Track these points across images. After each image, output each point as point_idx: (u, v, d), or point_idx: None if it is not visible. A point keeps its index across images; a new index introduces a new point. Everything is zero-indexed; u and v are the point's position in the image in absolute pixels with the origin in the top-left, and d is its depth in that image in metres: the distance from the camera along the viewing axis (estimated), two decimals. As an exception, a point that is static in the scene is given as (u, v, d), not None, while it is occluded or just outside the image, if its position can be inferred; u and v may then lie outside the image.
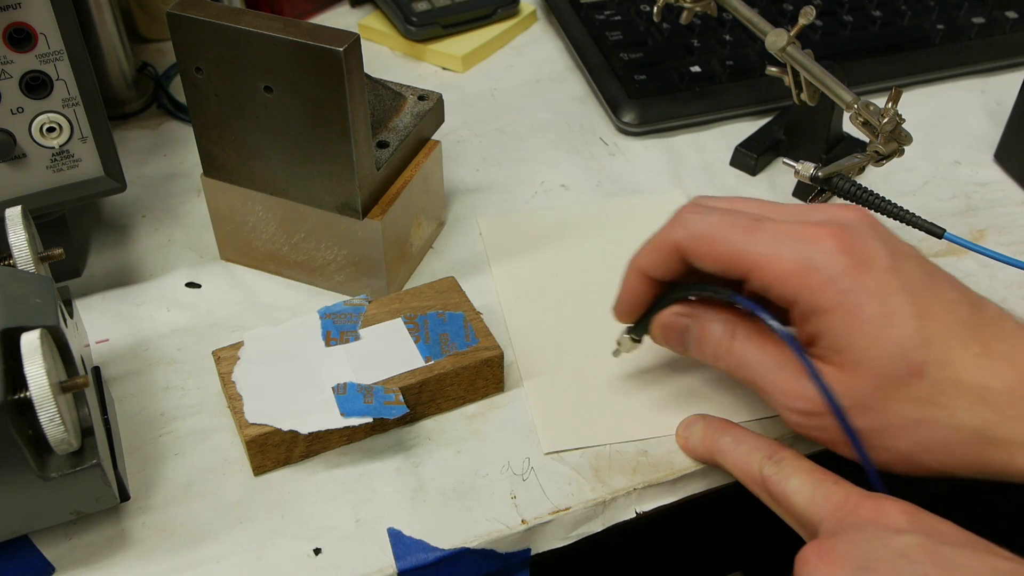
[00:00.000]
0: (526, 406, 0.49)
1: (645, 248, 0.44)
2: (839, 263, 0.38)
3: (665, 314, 0.44)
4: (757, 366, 0.41)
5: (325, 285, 0.55)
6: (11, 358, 0.37)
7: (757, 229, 0.40)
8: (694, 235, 0.41)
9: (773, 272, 0.39)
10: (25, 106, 0.48)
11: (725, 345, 0.42)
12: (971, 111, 0.69)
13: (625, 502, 0.45)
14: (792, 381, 0.40)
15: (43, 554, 0.42)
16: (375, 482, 0.45)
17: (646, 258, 0.43)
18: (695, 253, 0.41)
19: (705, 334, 0.43)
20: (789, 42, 0.56)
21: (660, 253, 0.43)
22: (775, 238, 0.39)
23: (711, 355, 0.43)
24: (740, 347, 0.42)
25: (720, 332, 0.43)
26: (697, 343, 0.43)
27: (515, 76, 0.73)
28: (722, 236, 0.40)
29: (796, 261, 0.38)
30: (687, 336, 0.44)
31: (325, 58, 0.45)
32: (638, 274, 0.44)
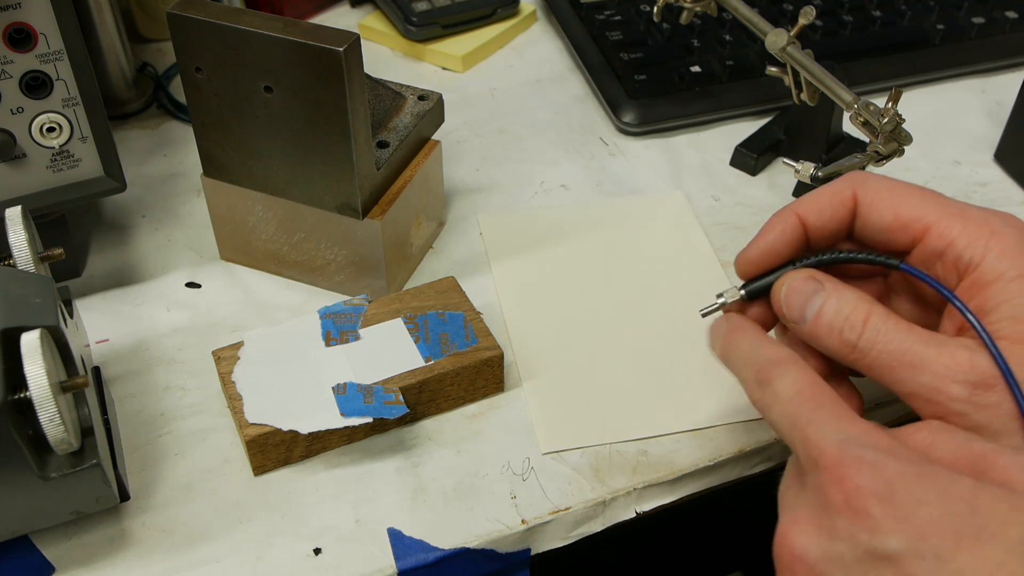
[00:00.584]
0: (525, 406, 0.49)
1: (811, 195, 0.40)
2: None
3: (800, 273, 0.39)
4: (905, 342, 0.36)
5: (325, 285, 0.55)
6: (11, 358, 0.37)
7: (939, 195, 0.38)
8: (874, 186, 0.38)
9: (962, 230, 0.36)
10: (25, 106, 0.48)
11: (859, 317, 0.37)
12: (971, 111, 0.69)
13: (625, 502, 0.45)
14: (954, 353, 0.35)
15: (43, 554, 0.43)
16: (375, 482, 0.45)
17: (811, 204, 0.39)
18: (875, 205, 0.38)
19: (836, 304, 0.38)
20: (789, 42, 0.56)
21: (832, 200, 0.39)
22: (961, 204, 0.37)
23: (838, 328, 0.37)
24: (876, 322, 0.37)
25: (854, 303, 0.37)
26: (824, 311, 0.38)
27: (515, 76, 0.73)
28: (906, 192, 0.38)
29: (986, 224, 0.36)
30: (811, 304, 0.38)
31: (325, 58, 0.45)
32: (792, 220, 0.39)
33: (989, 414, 0.35)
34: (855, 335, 0.37)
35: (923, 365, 0.36)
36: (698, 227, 0.59)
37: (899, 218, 0.38)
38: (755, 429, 0.48)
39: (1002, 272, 0.36)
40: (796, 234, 0.40)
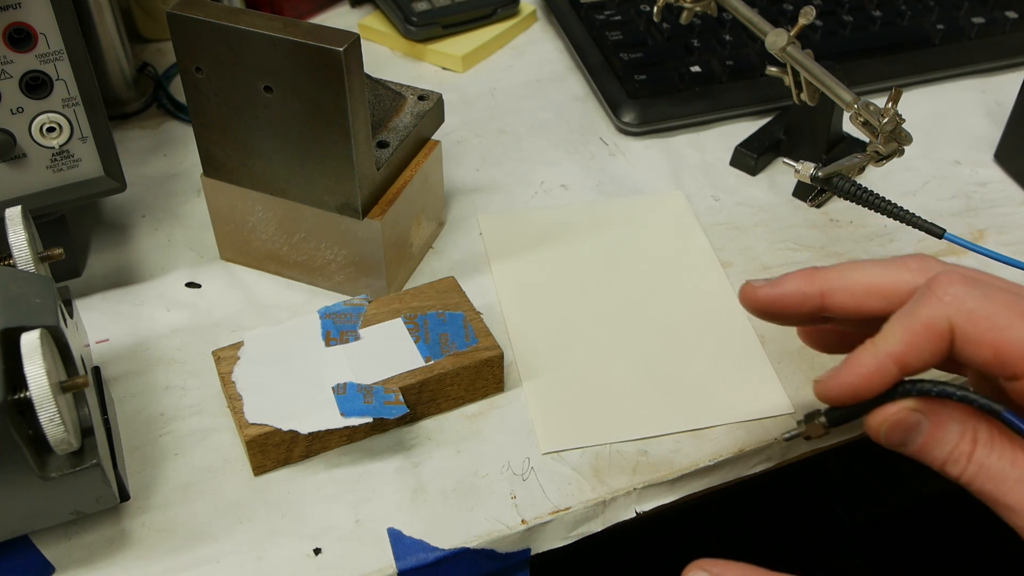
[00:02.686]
0: (525, 406, 0.49)
1: (903, 332, 0.36)
2: None
3: (899, 407, 0.36)
4: (1005, 477, 0.35)
5: (325, 285, 0.55)
6: (11, 358, 0.37)
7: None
8: (972, 314, 0.34)
9: None
10: (25, 106, 0.48)
11: (965, 450, 0.35)
12: (971, 111, 0.69)
13: (625, 502, 0.45)
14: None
15: (43, 554, 0.42)
16: (375, 482, 0.45)
17: (903, 342, 0.36)
18: (969, 338, 0.34)
19: (940, 435, 0.36)
20: (789, 42, 0.56)
21: (926, 336, 0.35)
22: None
23: (943, 459, 0.36)
24: (984, 453, 0.35)
25: (959, 434, 0.36)
26: (927, 444, 0.36)
27: (515, 76, 0.73)
28: (1006, 321, 0.34)
29: None
30: (916, 434, 0.36)
31: (325, 58, 0.45)
32: (886, 360, 0.36)
33: None
34: (958, 469, 0.36)
35: (1011, 506, 0.34)
36: (698, 227, 0.59)
37: (999, 356, 0.34)
38: (755, 429, 0.48)
39: None
40: (891, 375, 0.36)
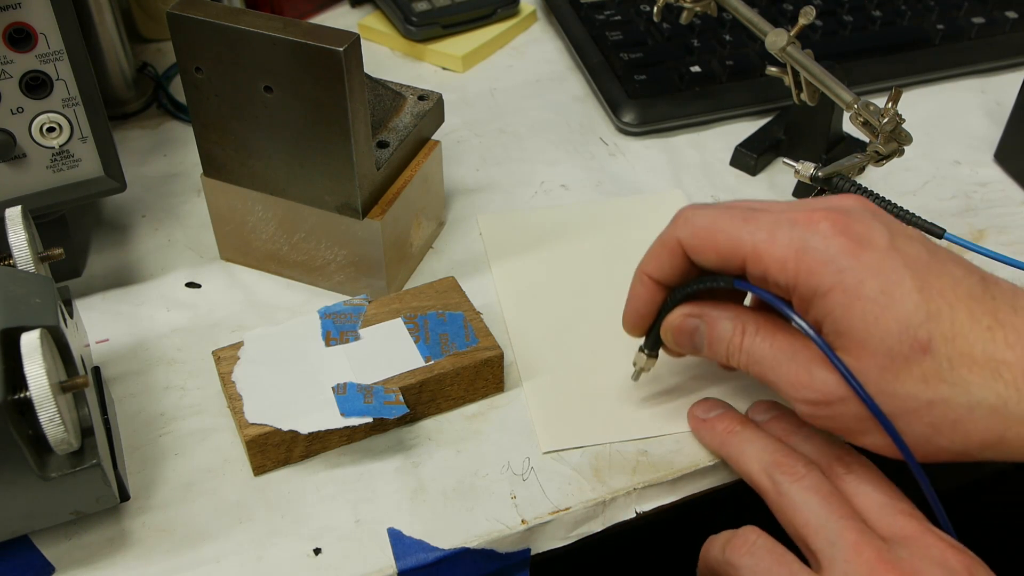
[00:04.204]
0: (526, 405, 0.49)
1: (649, 253, 0.44)
2: (836, 244, 0.37)
3: (674, 316, 0.44)
4: (767, 359, 0.41)
5: (325, 285, 0.55)
6: (11, 358, 0.37)
7: (754, 218, 0.40)
8: (694, 230, 0.41)
9: (770, 257, 0.39)
10: (25, 106, 0.48)
11: (736, 342, 0.42)
12: (971, 111, 0.69)
13: (625, 502, 0.45)
14: (801, 371, 0.39)
15: (43, 554, 0.42)
16: (375, 482, 0.45)
17: (651, 262, 0.44)
18: (696, 248, 0.41)
19: (716, 332, 0.43)
20: (789, 42, 0.56)
21: (664, 253, 0.43)
22: (771, 225, 0.39)
23: (724, 353, 0.43)
24: (750, 342, 0.41)
25: (730, 329, 0.42)
26: (709, 343, 0.43)
27: (515, 76, 0.73)
28: (720, 226, 0.40)
29: (791, 245, 0.38)
30: (698, 337, 0.43)
31: (325, 58, 0.45)
32: (644, 280, 0.44)
33: (834, 424, 0.39)
34: (735, 360, 0.42)
35: (780, 383, 0.40)
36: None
37: (720, 255, 0.41)
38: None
39: (815, 288, 0.38)
40: (653, 290, 0.44)
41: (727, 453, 0.45)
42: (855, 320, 0.37)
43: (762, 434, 0.44)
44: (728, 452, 0.45)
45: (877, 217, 0.39)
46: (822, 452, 0.43)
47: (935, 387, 0.36)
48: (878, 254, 0.37)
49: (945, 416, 0.37)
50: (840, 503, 0.39)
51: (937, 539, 0.38)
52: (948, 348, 0.36)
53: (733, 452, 0.44)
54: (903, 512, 0.39)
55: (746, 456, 0.43)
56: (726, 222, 0.40)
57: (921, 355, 0.36)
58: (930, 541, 0.38)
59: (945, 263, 0.38)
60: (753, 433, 0.44)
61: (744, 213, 0.40)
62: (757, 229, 0.39)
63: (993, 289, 0.38)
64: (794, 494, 0.40)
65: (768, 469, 0.42)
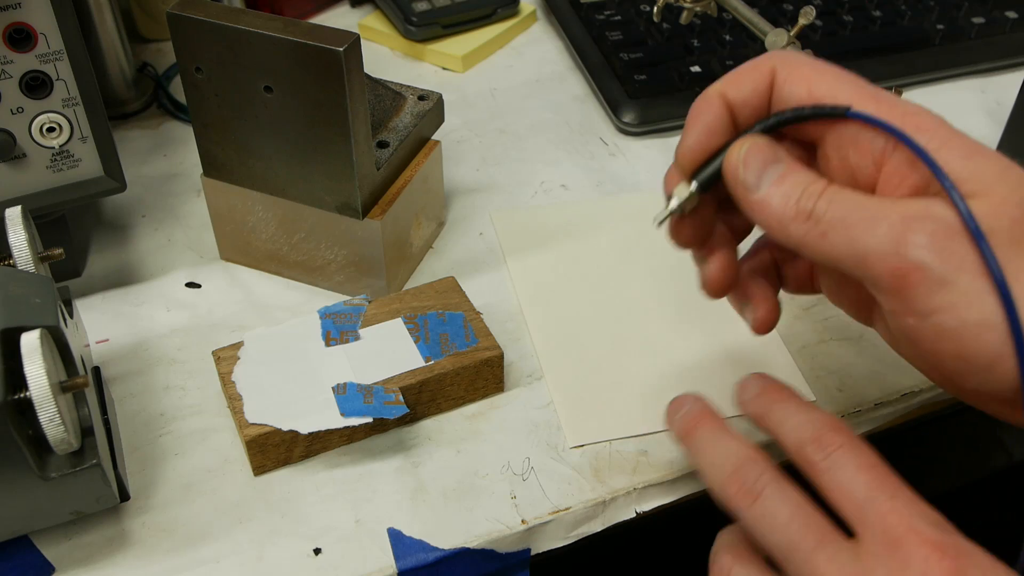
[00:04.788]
0: (534, 407, 0.49)
1: (729, 74, 0.38)
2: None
3: (759, 137, 0.37)
4: (859, 201, 0.35)
5: (325, 285, 0.55)
6: (11, 358, 0.37)
7: (859, 77, 0.37)
8: (793, 62, 0.37)
9: (875, 109, 0.36)
10: (25, 106, 0.48)
11: (818, 187, 0.35)
12: (971, 111, 0.69)
13: (625, 502, 0.45)
14: (910, 204, 0.34)
15: (43, 554, 0.42)
16: (375, 482, 0.45)
17: (731, 79, 0.38)
18: (789, 79, 0.37)
19: (796, 175, 0.36)
20: (789, 42, 0.56)
21: (750, 73, 0.37)
22: (877, 88, 0.36)
23: (795, 198, 0.35)
24: (833, 192, 0.35)
25: (813, 175, 0.36)
26: (781, 182, 0.36)
27: (515, 76, 0.73)
28: (824, 69, 0.37)
29: (897, 106, 0.36)
30: (770, 170, 0.36)
31: (325, 58, 0.45)
32: (718, 101, 0.37)
33: (953, 265, 0.33)
34: (811, 201, 0.35)
35: (882, 215, 0.34)
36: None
37: (813, 95, 0.36)
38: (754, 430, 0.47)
39: (924, 146, 0.35)
40: (725, 112, 0.38)
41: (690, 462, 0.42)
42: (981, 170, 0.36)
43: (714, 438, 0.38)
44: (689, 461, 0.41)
45: None
46: (798, 432, 0.36)
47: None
48: None
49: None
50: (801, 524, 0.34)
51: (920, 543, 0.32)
52: None
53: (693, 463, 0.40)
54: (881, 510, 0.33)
55: (702, 472, 0.38)
56: (830, 71, 0.37)
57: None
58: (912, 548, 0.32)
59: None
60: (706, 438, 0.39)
61: (844, 72, 0.37)
62: (864, 86, 0.36)
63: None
64: (752, 522, 0.36)
65: (722, 490, 0.37)
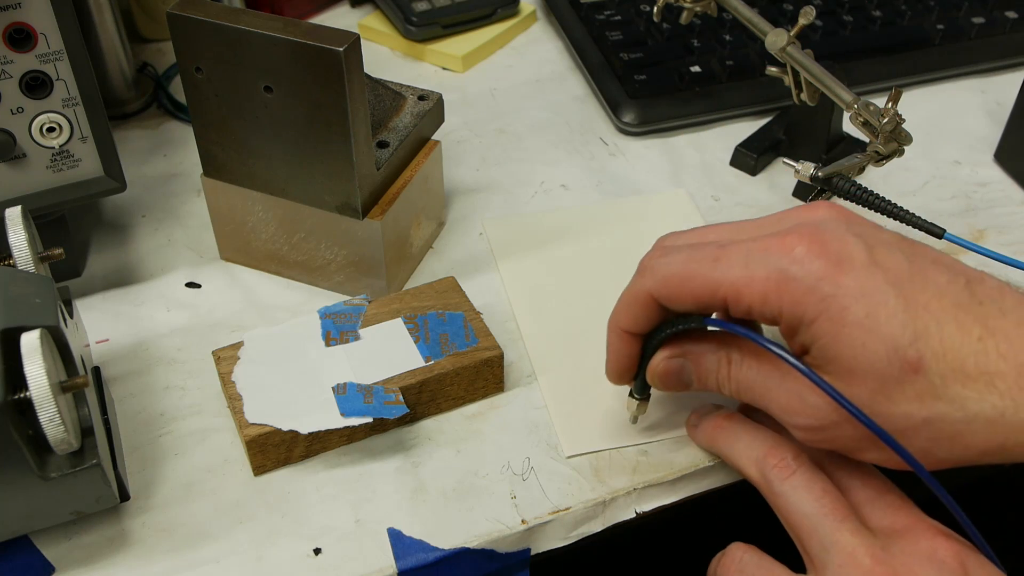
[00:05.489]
0: (533, 408, 0.49)
1: (619, 306, 0.43)
2: (815, 268, 0.36)
3: (656, 361, 0.43)
4: (757, 387, 0.40)
5: (325, 285, 0.55)
6: (11, 358, 0.37)
7: (724, 255, 0.38)
8: (663, 280, 0.40)
9: (751, 295, 0.37)
10: (25, 106, 0.48)
11: (724, 373, 0.41)
12: (971, 111, 0.69)
13: (625, 502, 0.45)
14: (792, 397, 0.38)
15: (43, 554, 0.42)
16: (375, 482, 0.45)
17: (623, 316, 0.43)
18: (669, 297, 0.40)
19: (702, 368, 0.42)
20: (789, 42, 0.56)
21: (635, 307, 0.42)
22: (745, 259, 0.38)
23: (714, 385, 0.42)
24: (736, 371, 0.41)
25: (715, 361, 0.41)
26: (698, 378, 0.42)
27: (515, 76, 0.73)
28: (691, 272, 0.39)
29: (769, 277, 0.37)
30: (685, 374, 0.43)
31: (325, 58, 0.45)
32: (619, 334, 0.43)
33: (833, 444, 0.39)
34: (727, 389, 0.42)
35: (774, 409, 0.40)
36: (703, 224, 0.59)
37: (697, 301, 0.39)
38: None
39: (800, 317, 0.37)
40: (630, 342, 0.43)
41: (719, 450, 0.45)
42: (843, 347, 0.36)
43: (750, 426, 0.43)
44: (719, 449, 0.44)
45: (851, 228, 0.38)
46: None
47: (930, 405, 0.36)
48: (859, 274, 0.36)
49: (942, 431, 0.36)
50: (833, 500, 0.39)
51: (927, 528, 0.38)
52: (940, 365, 0.35)
53: (724, 449, 0.44)
54: (893, 505, 0.39)
55: (736, 452, 0.43)
56: (696, 266, 0.39)
57: (913, 375, 0.36)
58: (920, 533, 0.38)
59: (928, 270, 0.37)
60: (740, 426, 0.44)
61: (714, 252, 0.39)
62: (730, 267, 0.38)
63: (979, 292, 0.37)
64: (787, 493, 0.40)
65: (759, 464, 0.41)
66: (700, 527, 0.53)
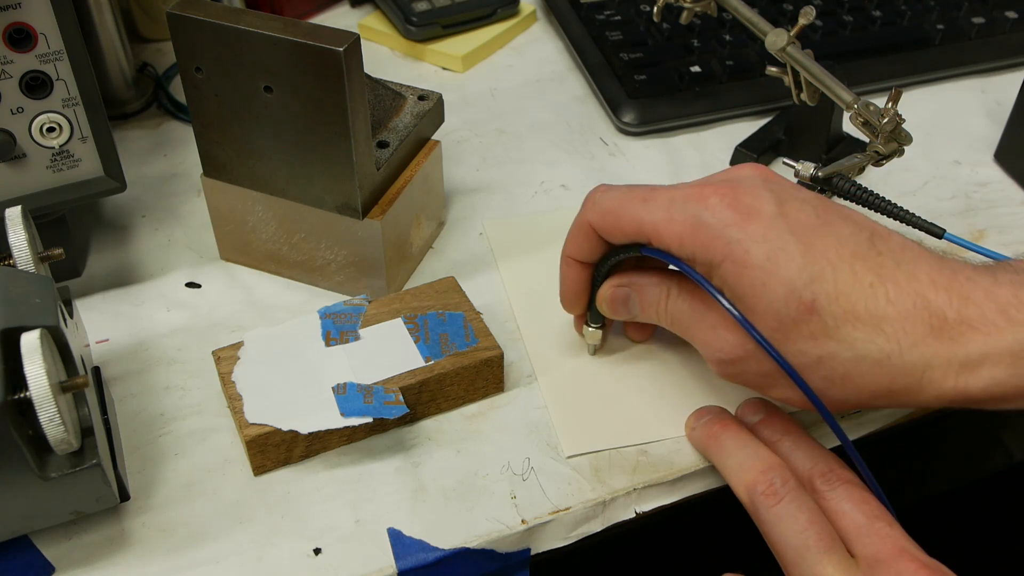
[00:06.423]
0: (533, 408, 0.49)
1: (568, 236, 0.46)
2: (725, 216, 0.40)
3: (604, 289, 0.47)
4: (684, 319, 0.44)
5: (325, 285, 0.55)
6: (11, 358, 0.37)
7: (652, 198, 0.42)
8: (601, 212, 0.44)
9: (669, 235, 0.41)
10: (25, 106, 0.48)
11: (662, 305, 0.45)
12: (971, 111, 0.69)
13: (625, 502, 0.45)
14: (708, 332, 0.42)
15: (43, 554, 0.42)
16: (375, 482, 0.45)
17: (570, 244, 0.46)
18: (604, 229, 0.44)
19: (645, 298, 0.45)
20: (789, 42, 0.56)
21: (580, 236, 0.45)
22: (669, 203, 0.41)
23: (654, 315, 0.46)
24: (673, 304, 0.44)
25: (656, 294, 0.45)
26: (641, 307, 0.46)
27: (515, 76, 0.73)
28: (623, 208, 0.43)
29: (685, 222, 0.40)
30: (631, 303, 0.46)
31: (325, 58, 0.45)
32: (568, 262, 0.47)
33: (742, 379, 0.43)
34: (663, 319, 0.45)
35: (696, 344, 0.44)
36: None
37: (626, 234, 0.43)
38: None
39: (710, 260, 0.40)
40: (579, 270, 0.47)
41: (711, 460, 0.45)
42: (745, 287, 0.39)
43: (741, 442, 0.44)
44: (711, 460, 0.45)
45: (767, 184, 0.41)
46: (807, 463, 0.43)
47: (823, 344, 0.39)
48: (764, 222, 0.39)
49: (834, 370, 0.39)
50: (818, 532, 0.39)
51: (910, 560, 0.38)
52: (832, 307, 0.38)
53: (715, 462, 0.45)
54: (880, 533, 0.39)
55: (727, 469, 0.44)
56: (627, 203, 0.43)
57: (808, 315, 0.38)
58: (903, 565, 0.38)
59: (833, 223, 0.40)
60: (733, 442, 0.44)
61: (644, 193, 0.42)
62: (655, 209, 0.41)
63: (880, 245, 0.39)
64: (773, 521, 0.40)
65: (748, 489, 0.42)
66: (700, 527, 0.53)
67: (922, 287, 0.38)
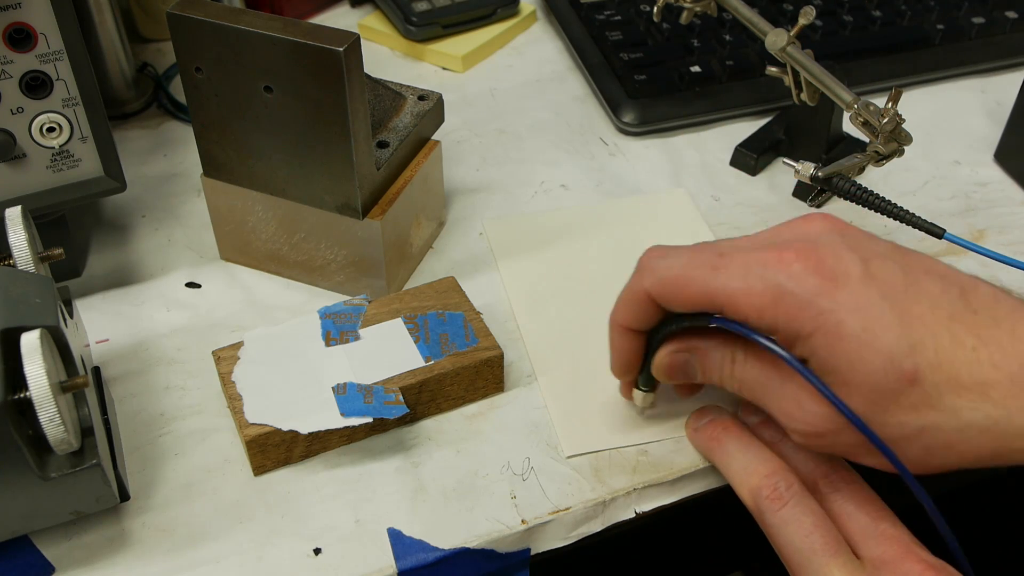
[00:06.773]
0: (533, 408, 0.49)
1: (619, 303, 0.43)
2: (811, 284, 0.37)
3: (662, 356, 0.44)
4: (758, 387, 0.41)
5: (325, 285, 0.55)
6: (11, 358, 0.37)
7: (724, 264, 0.39)
8: (662, 281, 0.41)
9: (748, 306, 0.38)
10: (25, 106, 0.48)
11: (727, 371, 0.42)
12: (971, 111, 0.69)
13: (625, 502, 0.45)
14: (791, 403, 0.39)
15: (43, 554, 0.42)
16: (375, 482, 0.45)
17: (622, 313, 0.43)
18: (666, 298, 0.41)
19: (707, 364, 0.43)
20: (789, 42, 0.56)
21: (634, 305, 0.42)
22: (743, 270, 0.38)
23: (717, 380, 0.43)
24: (740, 369, 0.41)
25: (720, 359, 0.42)
26: (702, 371, 0.43)
27: (515, 76, 0.73)
28: (690, 277, 0.40)
29: (766, 292, 0.37)
30: (690, 368, 0.43)
31: (325, 58, 0.45)
32: (620, 331, 0.44)
33: (830, 450, 0.40)
34: (729, 384, 0.42)
35: (775, 412, 0.40)
36: (703, 222, 0.59)
37: (694, 304, 0.40)
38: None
39: (797, 331, 0.37)
40: (632, 338, 0.44)
41: (714, 463, 0.45)
42: (840, 360, 0.36)
43: (743, 444, 0.44)
44: (714, 462, 0.45)
45: (846, 241, 0.38)
46: (810, 465, 0.43)
47: (925, 415, 0.36)
48: (854, 288, 0.37)
49: (936, 440, 0.37)
50: (823, 535, 0.39)
51: (917, 561, 0.38)
52: (935, 375, 0.36)
53: (719, 464, 0.45)
54: (885, 535, 0.39)
55: (731, 472, 0.43)
56: (695, 272, 0.40)
57: (909, 386, 0.36)
58: (909, 566, 0.38)
59: (922, 282, 0.37)
60: (735, 444, 0.44)
61: (713, 259, 0.39)
62: (730, 279, 0.38)
63: (973, 301, 0.37)
64: (779, 525, 0.40)
65: (753, 493, 0.41)
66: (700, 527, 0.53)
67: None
